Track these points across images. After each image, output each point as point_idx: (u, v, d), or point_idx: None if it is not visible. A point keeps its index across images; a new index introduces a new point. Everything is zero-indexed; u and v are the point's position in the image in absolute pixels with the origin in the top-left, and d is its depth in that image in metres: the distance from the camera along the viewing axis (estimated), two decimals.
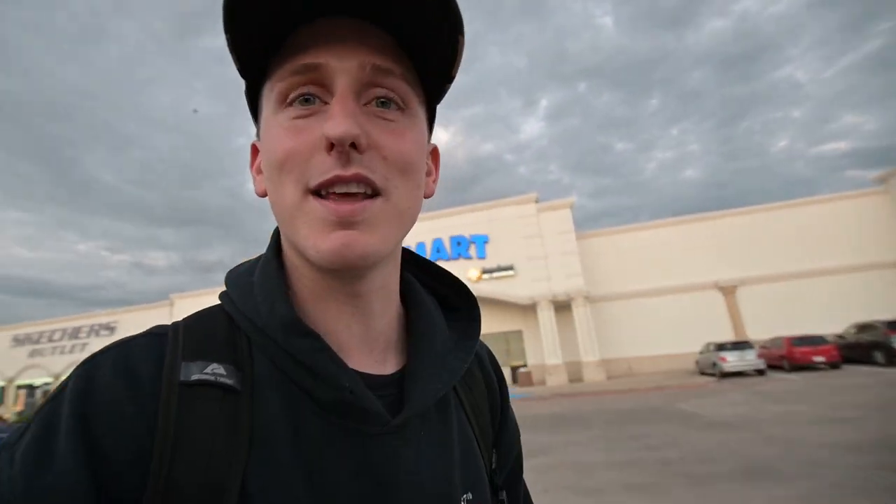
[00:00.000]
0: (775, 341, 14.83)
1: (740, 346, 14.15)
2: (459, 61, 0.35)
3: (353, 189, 0.31)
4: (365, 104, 0.33)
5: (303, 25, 0.32)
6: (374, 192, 0.32)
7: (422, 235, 20.33)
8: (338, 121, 0.30)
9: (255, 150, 0.40)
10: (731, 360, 13.69)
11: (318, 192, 0.31)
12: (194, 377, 0.31)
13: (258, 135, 0.37)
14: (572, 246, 18.85)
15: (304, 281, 0.36)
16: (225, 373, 0.32)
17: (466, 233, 20.03)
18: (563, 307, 18.84)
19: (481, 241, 19.73)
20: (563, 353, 18.03)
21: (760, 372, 13.80)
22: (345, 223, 0.31)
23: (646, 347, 18.83)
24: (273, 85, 0.33)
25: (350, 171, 0.30)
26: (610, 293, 19.70)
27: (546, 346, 17.85)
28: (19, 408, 25.14)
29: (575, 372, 18.27)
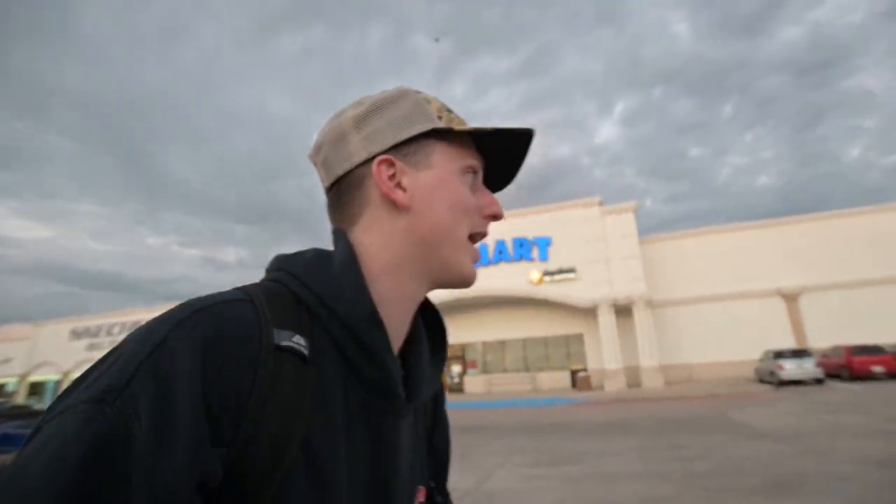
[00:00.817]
0: (835, 350, 16.79)
1: (799, 354, 16.08)
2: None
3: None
4: None
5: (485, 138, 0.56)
6: None
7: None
8: (500, 207, 0.56)
9: (390, 163, 0.52)
10: (789, 369, 15.58)
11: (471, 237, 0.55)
12: (284, 343, 0.41)
13: (399, 156, 0.52)
14: (635, 250, 21.66)
15: (387, 286, 0.50)
16: (304, 343, 0.42)
17: (529, 234, 22.92)
18: (624, 311, 21.77)
19: (544, 244, 22.67)
20: (623, 357, 21.06)
21: (819, 381, 15.78)
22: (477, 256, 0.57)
23: (707, 354, 21.73)
24: (461, 155, 0.54)
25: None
26: (672, 298, 22.50)
27: (606, 350, 20.89)
28: None
29: (634, 377, 21.32)
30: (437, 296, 20.52)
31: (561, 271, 22.21)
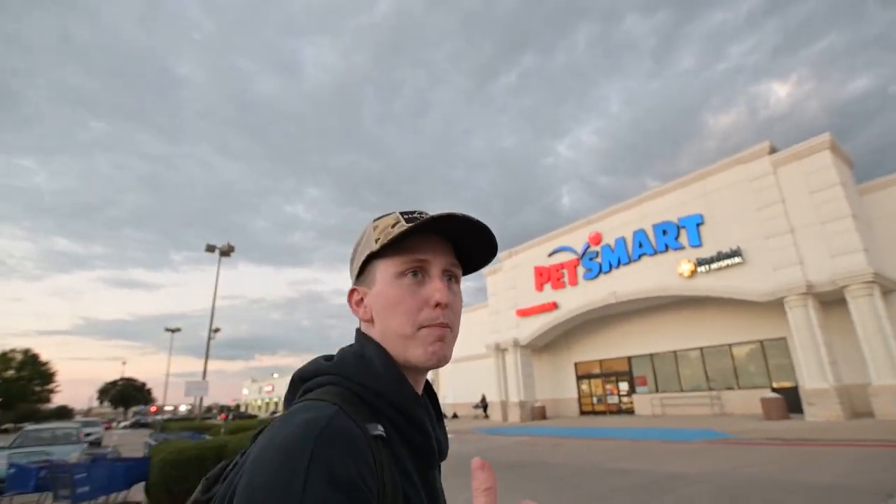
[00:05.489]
0: None
1: None
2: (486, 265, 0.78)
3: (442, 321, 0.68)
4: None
5: (418, 235, 0.68)
6: (448, 327, 0.68)
7: (620, 230, 20.44)
8: (443, 293, 0.66)
9: (353, 293, 0.73)
10: None
11: (422, 326, 0.66)
12: (375, 433, 0.57)
13: (360, 283, 0.72)
14: (840, 206, 14.16)
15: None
16: (381, 430, 0.59)
17: (674, 216, 18.68)
18: (836, 302, 14.56)
19: (693, 224, 17.85)
20: (839, 371, 13.98)
21: None
22: (439, 339, 0.66)
23: None
24: (397, 262, 0.67)
25: (443, 320, 0.67)
26: None
27: (802, 360, 14.31)
28: None
29: (860, 401, 13.78)
30: (589, 303, 22.36)
31: (720, 257, 16.80)
